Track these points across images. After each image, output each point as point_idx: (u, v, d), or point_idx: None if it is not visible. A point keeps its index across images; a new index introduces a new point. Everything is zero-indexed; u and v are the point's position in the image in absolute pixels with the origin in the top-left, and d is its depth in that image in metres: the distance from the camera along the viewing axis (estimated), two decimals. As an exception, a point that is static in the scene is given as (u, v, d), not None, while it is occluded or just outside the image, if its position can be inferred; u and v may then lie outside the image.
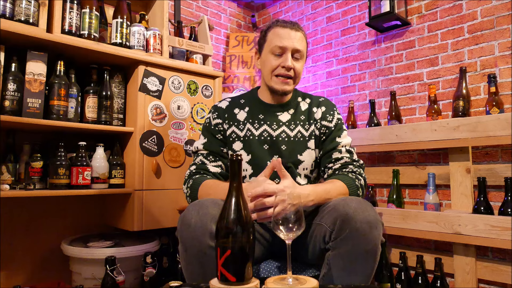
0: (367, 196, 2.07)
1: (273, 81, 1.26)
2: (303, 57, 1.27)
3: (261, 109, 1.32)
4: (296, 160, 1.27)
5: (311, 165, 1.29)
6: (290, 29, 1.24)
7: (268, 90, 1.31)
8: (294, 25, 1.26)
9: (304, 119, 1.31)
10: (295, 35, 1.24)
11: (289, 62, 1.22)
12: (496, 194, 1.72)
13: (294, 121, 1.30)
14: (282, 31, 1.24)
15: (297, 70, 1.25)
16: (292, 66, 1.23)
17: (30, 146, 1.62)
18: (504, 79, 1.75)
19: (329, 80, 2.51)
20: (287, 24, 1.26)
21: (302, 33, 1.27)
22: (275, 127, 1.29)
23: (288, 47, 1.22)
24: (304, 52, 1.28)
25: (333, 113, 1.31)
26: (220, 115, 1.33)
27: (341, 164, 1.24)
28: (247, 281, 0.81)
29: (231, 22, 2.92)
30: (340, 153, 1.25)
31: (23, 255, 1.70)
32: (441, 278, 1.70)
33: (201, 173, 1.27)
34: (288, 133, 1.29)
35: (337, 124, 1.30)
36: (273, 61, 1.24)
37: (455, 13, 1.94)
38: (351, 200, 1.03)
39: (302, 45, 1.25)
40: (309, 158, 1.28)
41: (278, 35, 1.24)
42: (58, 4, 1.57)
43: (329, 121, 1.30)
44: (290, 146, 1.27)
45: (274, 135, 1.28)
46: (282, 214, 0.89)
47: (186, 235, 1.00)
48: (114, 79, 1.79)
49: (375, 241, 0.98)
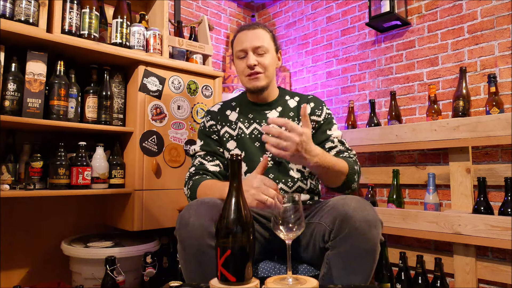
0: (367, 196, 2.07)
1: (246, 82, 1.32)
2: (268, 50, 1.29)
3: (251, 108, 1.38)
4: None
5: None
6: (247, 30, 1.30)
7: (248, 91, 1.38)
8: (251, 24, 1.32)
9: (293, 116, 1.35)
10: (253, 34, 1.29)
11: (250, 60, 1.27)
12: (496, 194, 1.72)
13: (283, 117, 1.34)
14: (240, 35, 1.32)
15: (263, 64, 1.29)
16: (254, 63, 1.27)
17: (30, 146, 1.62)
18: (504, 79, 1.75)
19: (329, 80, 2.51)
20: (245, 27, 1.32)
21: (261, 28, 1.31)
22: (264, 125, 1.33)
23: (247, 47, 1.28)
24: (268, 46, 1.30)
25: (321, 107, 1.35)
26: (213, 117, 1.39)
27: (336, 152, 1.26)
28: (247, 281, 0.81)
29: (231, 22, 2.92)
30: (333, 143, 1.29)
31: (23, 255, 1.70)
32: (441, 278, 1.70)
33: (201, 173, 1.28)
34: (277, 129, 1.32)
35: (327, 118, 1.34)
36: (240, 65, 1.32)
37: (455, 13, 1.94)
38: (351, 199, 1.03)
39: (261, 40, 1.29)
40: None
41: (238, 40, 1.32)
42: (58, 4, 1.57)
43: (318, 115, 1.33)
44: None
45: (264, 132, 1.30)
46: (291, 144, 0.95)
47: (185, 234, 1.00)
48: (114, 79, 1.79)
49: (375, 240, 0.99)
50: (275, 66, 1.36)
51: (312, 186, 1.34)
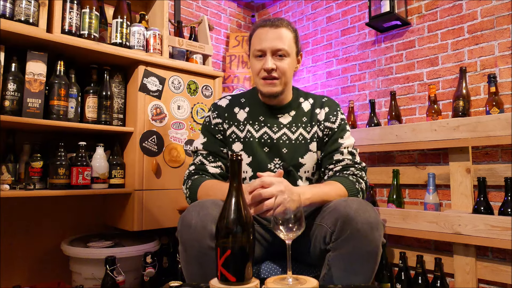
0: (367, 197, 2.07)
1: (260, 84, 1.23)
2: (288, 54, 1.20)
3: (262, 110, 1.30)
4: (297, 163, 1.25)
5: (312, 167, 1.27)
6: (269, 28, 1.19)
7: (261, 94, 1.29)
8: (274, 22, 1.20)
9: (306, 121, 1.28)
10: (274, 34, 1.18)
11: (268, 64, 1.17)
12: (496, 194, 1.72)
13: (296, 123, 1.28)
14: (261, 31, 1.20)
15: (281, 69, 1.19)
16: (272, 67, 1.18)
17: (30, 146, 1.62)
18: (504, 79, 1.75)
19: (329, 80, 2.51)
20: (267, 23, 1.21)
21: (285, 28, 1.20)
22: (275, 130, 1.27)
23: (266, 48, 1.18)
24: (289, 49, 1.20)
25: (336, 113, 1.27)
26: (220, 114, 1.31)
27: (342, 166, 1.21)
28: (247, 281, 0.81)
29: (231, 22, 2.92)
30: (341, 155, 1.23)
31: (23, 255, 1.70)
32: (441, 278, 1.70)
33: (200, 173, 1.26)
34: (289, 135, 1.26)
35: (341, 124, 1.27)
36: (256, 65, 1.22)
37: (455, 13, 1.94)
38: (352, 201, 1.02)
39: (283, 41, 1.18)
40: (310, 160, 1.26)
41: (258, 37, 1.21)
42: (58, 4, 1.57)
43: (332, 122, 1.26)
44: (291, 149, 1.25)
45: (274, 138, 1.26)
46: (282, 208, 0.88)
47: (186, 236, 1.00)
48: (114, 79, 1.79)
49: (376, 242, 0.98)
50: (294, 69, 1.27)
51: None
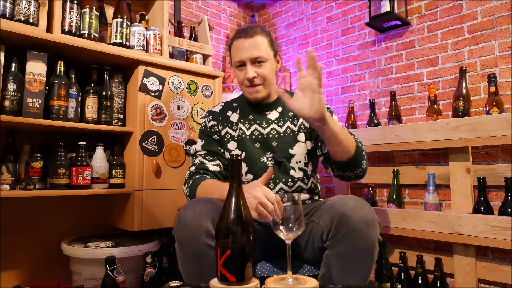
0: (366, 196, 2.07)
1: (246, 92, 1.33)
2: (267, 59, 1.28)
3: (251, 110, 1.38)
4: (288, 154, 1.30)
5: (303, 157, 1.32)
6: (244, 38, 1.27)
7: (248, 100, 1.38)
8: (248, 32, 1.27)
9: (293, 115, 1.35)
10: (250, 43, 1.26)
11: (249, 73, 1.26)
12: (496, 194, 1.72)
13: (283, 118, 1.35)
14: (237, 43, 1.29)
15: (262, 75, 1.28)
16: (253, 75, 1.26)
17: (30, 146, 1.62)
18: (504, 79, 1.75)
19: (329, 80, 2.51)
20: (241, 34, 1.28)
21: (259, 35, 1.27)
22: (265, 126, 1.35)
23: (245, 58, 1.26)
24: (266, 54, 1.27)
25: None
26: (215, 118, 1.40)
27: None
28: (247, 281, 0.81)
29: (231, 22, 2.92)
30: None
31: (23, 255, 1.70)
32: (441, 278, 1.70)
33: (201, 172, 1.29)
34: (278, 129, 1.34)
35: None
36: (239, 75, 1.31)
37: (455, 13, 1.94)
38: (349, 198, 1.03)
39: (259, 49, 1.26)
40: (300, 150, 1.31)
41: (236, 49, 1.29)
42: (58, 4, 1.57)
43: None
44: (280, 142, 1.32)
45: (264, 133, 1.34)
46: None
47: (183, 234, 1.01)
48: (114, 79, 1.79)
49: (373, 240, 0.99)
50: (275, 71, 1.35)
51: (312, 185, 1.34)
